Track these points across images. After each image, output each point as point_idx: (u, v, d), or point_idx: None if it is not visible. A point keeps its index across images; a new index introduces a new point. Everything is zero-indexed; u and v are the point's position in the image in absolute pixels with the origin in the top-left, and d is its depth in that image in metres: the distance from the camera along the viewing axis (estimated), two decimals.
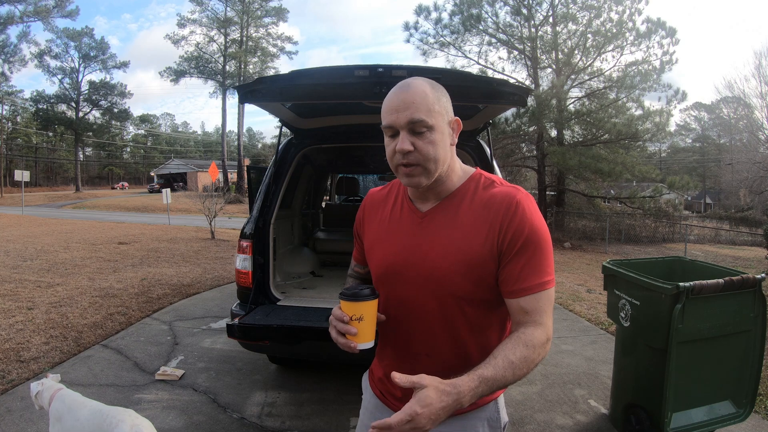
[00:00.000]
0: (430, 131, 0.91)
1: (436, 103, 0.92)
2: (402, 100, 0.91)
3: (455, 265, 0.94)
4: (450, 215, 0.97)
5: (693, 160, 47.07)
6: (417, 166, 0.92)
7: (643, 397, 2.40)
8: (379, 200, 1.12)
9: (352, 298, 0.93)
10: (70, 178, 48.83)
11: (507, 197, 0.94)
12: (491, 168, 2.94)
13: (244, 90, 2.34)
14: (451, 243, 0.95)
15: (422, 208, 1.02)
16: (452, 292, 0.95)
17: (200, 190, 30.79)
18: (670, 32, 14.62)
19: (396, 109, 0.91)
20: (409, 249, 1.00)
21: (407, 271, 0.99)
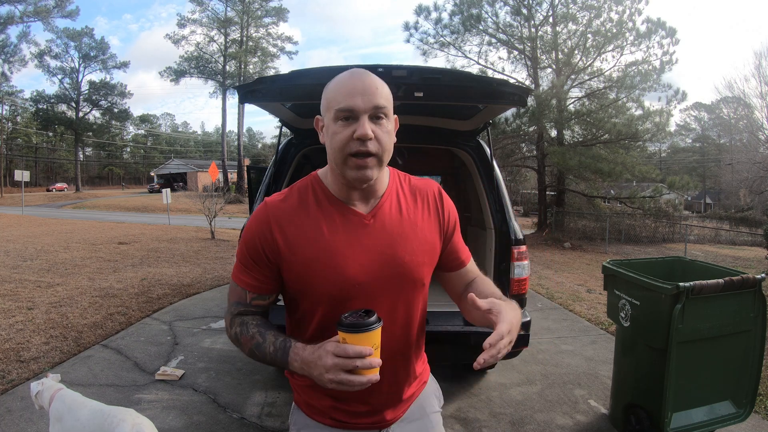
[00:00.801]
0: (387, 121, 0.90)
1: (389, 95, 0.91)
2: (368, 85, 0.86)
3: (421, 257, 0.98)
4: (395, 211, 0.97)
5: (693, 160, 47.08)
6: (373, 156, 0.86)
7: (643, 397, 2.40)
8: (290, 210, 0.92)
9: (373, 325, 0.79)
10: (70, 178, 48.84)
11: (429, 185, 1.05)
12: (491, 168, 2.94)
13: (244, 90, 2.34)
14: (414, 238, 0.97)
15: (362, 209, 0.94)
16: (417, 284, 0.99)
17: (200, 190, 30.79)
18: (670, 32, 14.63)
19: (361, 92, 0.84)
20: (373, 255, 0.92)
21: (377, 279, 0.92)
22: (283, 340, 0.89)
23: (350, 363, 0.77)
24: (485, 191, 2.89)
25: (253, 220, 0.94)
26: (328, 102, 0.89)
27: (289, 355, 0.86)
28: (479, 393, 3.07)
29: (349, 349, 0.77)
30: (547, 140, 16.24)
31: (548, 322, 4.80)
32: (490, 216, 2.86)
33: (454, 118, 3.14)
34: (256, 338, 0.91)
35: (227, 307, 1.00)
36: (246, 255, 0.94)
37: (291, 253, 0.90)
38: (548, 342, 4.14)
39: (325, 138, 0.91)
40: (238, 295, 0.96)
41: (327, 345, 0.80)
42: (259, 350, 0.91)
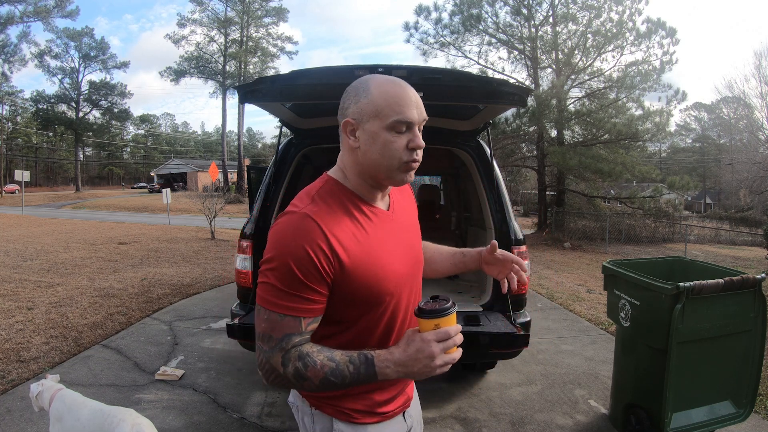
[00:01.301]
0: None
1: None
2: (417, 97, 0.91)
3: (420, 242, 1.11)
4: (398, 205, 1.05)
5: (693, 160, 47.08)
6: (419, 163, 0.93)
7: (643, 397, 2.40)
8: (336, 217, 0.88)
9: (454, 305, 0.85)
10: (70, 178, 48.87)
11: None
12: (491, 168, 2.94)
13: (244, 90, 2.34)
14: (415, 227, 1.09)
15: (382, 206, 0.98)
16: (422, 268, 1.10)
17: (200, 190, 30.80)
18: (670, 32, 14.63)
19: (415, 104, 0.89)
20: (404, 248, 0.99)
21: (410, 270, 0.99)
22: (357, 355, 0.84)
23: (452, 343, 0.84)
24: (485, 191, 2.90)
25: (298, 235, 0.82)
26: (377, 109, 0.87)
27: (376, 366, 0.83)
28: (479, 393, 3.07)
29: (451, 331, 0.84)
30: (547, 140, 16.24)
31: (548, 322, 4.80)
32: (490, 216, 2.86)
33: (454, 118, 3.14)
34: (328, 364, 0.83)
35: (267, 347, 0.84)
36: (296, 277, 0.82)
37: (351, 262, 0.86)
38: (548, 342, 4.14)
39: (364, 143, 0.89)
40: (288, 327, 0.83)
41: (419, 337, 0.83)
42: (335, 376, 0.82)
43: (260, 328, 0.86)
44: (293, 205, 0.89)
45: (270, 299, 0.84)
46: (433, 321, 0.83)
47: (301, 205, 0.88)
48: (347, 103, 0.90)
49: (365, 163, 0.90)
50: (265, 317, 0.84)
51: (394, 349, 0.85)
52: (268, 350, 0.84)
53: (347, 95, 0.91)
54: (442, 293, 0.90)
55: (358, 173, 0.92)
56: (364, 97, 0.88)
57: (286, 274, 0.82)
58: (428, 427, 2.64)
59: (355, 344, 0.90)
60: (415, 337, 0.84)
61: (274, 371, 0.84)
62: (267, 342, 0.84)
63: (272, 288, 0.83)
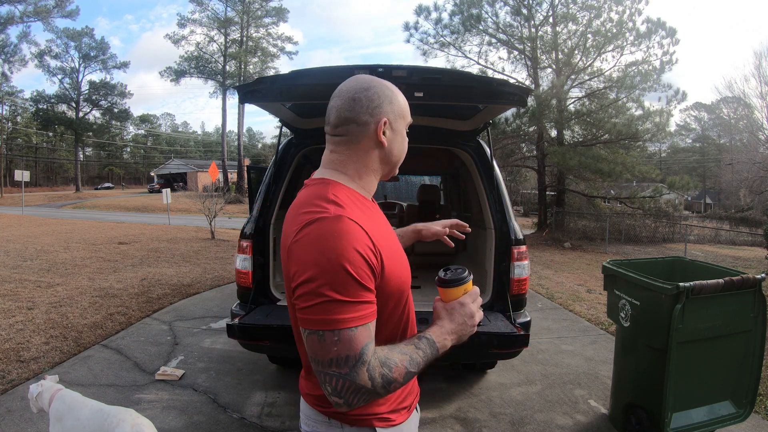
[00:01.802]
0: None
1: None
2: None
3: None
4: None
5: (693, 160, 47.08)
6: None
7: (643, 397, 2.40)
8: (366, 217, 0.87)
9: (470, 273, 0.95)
10: (70, 178, 48.88)
11: None
12: (491, 168, 2.94)
13: (244, 90, 2.34)
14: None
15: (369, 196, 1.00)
16: None
17: (200, 190, 30.79)
18: (670, 32, 14.63)
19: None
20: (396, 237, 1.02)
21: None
22: (418, 340, 0.87)
23: (479, 300, 0.94)
24: (485, 191, 2.90)
25: (344, 238, 0.78)
26: (402, 111, 0.95)
27: (437, 342, 0.88)
28: (479, 393, 3.07)
29: (477, 290, 0.95)
30: (547, 140, 16.24)
31: (548, 322, 4.80)
32: (490, 216, 2.86)
33: (454, 118, 3.14)
34: (404, 358, 0.83)
35: (347, 369, 0.77)
36: (356, 282, 0.78)
37: (386, 256, 0.85)
38: (548, 342, 4.14)
39: (392, 140, 0.94)
40: (363, 338, 0.78)
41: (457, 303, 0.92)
42: (412, 366, 0.83)
43: (331, 353, 0.76)
44: (315, 212, 0.82)
45: (335, 318, 0.76)
46: (462, 287, 0.92)
47: (328, 209, 0.82)
48: (377, 102, 0.91)
49: (390, 159, 0.96)
50: (335, 339, 0.76)
51: (441, 322, 0.91)
52: (350, 371, 0.77)
53: (371, 96, 0.90)
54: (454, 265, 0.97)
55: (374, 170, 0.96)
56: (391, 98, 0.93)
57: (345, 282, 0.77)
58: (428, 427, 2.64)
59: (391, 340, 0.91)
60: (453, 305, 0.92)
61: (361, 389, 0.77)
62: (345, 364, 0.77)
63: (333, 304, 0.76)
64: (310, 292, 0.77)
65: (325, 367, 0.78)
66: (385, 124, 0.91)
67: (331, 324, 0.76)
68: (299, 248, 0.80)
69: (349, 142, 0.92)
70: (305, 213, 0.83)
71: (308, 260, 0.78)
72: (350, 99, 0.90)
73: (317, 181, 0.92)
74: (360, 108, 0.90)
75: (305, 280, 0.77)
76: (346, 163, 0.93)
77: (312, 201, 0.85)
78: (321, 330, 0.77)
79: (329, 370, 0.77)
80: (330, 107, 0.94)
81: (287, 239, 0.85)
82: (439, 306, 0.93)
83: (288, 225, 0.88)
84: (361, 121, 0.90)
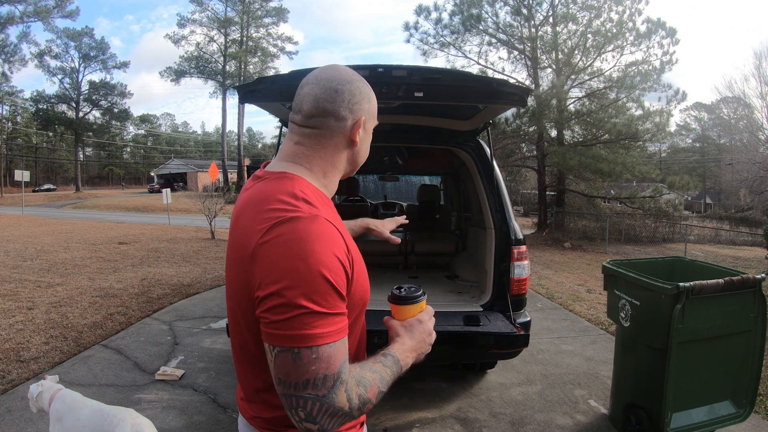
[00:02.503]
0: None
1: None
2: None
3: None
4: None
5: (693, 160, 47.07)
6: None
7: (643, 397, 2.40)
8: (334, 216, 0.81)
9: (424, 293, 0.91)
10: (70, 178, 48.85)
11: None
12: (491, 168, 2.94)
13: (244, 90, 2.34)
14: None
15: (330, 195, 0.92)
16: None
17: (200, 190, 30.80)
18: (670, 32, 14.63)
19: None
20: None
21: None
22: (383, 357, 0.81)
23: (434, 319, 0.92)
24: (485, 191, 2.90)
25: (323, 242, 0.70)
26: (374, 112, 0.90)
27: (401, 360, 0.82)
28: (479, 393, 3.07)
29: (432, 309, 0.92)
30: (547, 140, 16.24)
31: (548, 322, 4.80)
32: (490, 216, 2.86)
33: (454, 118, 3.14)
34: (375, 378, 0.76)
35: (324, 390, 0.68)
36: (335, 291, 0.70)
37: (356, 260, 0.78)
38: (548, 342, 4.14)
39: (363, 140, 0.89)
40: (340, 354, 0.70)
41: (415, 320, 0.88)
42: (383, 385, 0.77)
43: (308, 373, 0.67)
44: (286, 210, 0.72)
45: (312, 332, 0.67)
46: (419, 304, 0.90)
47: (299, 208, 0.73)
48: (356, 99, 0.83)
49: (356, 160, 0.90)
50: (313, 357, 0.67)
51: (401, 339, 0.86)
52: (327, 393, 0.67)
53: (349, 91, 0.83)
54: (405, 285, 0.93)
55: (339, 170, 0.89)
56: (368, 97, 0.87)
57: (324, 291, 0.68)
58: (428, 427, 2.64)
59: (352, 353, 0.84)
60: (411, 322, 0.88)
61: (338, 413, 0.69)
62: (323, 385, 0.67)
63: (311, 316, 0.67)
64: (284, 304, 0.67)
65: (299, 389, 0.67)
66: (361, 123, 0.85)
67: (308, 340, 0.67)
68: (269, 251, 0.69)
69: (321, 136, 0.83)
70: (271, 210, 0.73)
71: (281, 266, 0.67)
72: (332, 90, 0.81)
73: (277, 174, 0.81)
74: (342, 102, 0.81)
75: (278, 291, 0.67)
76: (312, 158, 0.84)
77: (276, 197, 0.75)
78: (297, 347, 0.67)
79: (304, 393, 0.67)
80: (305, 94, 0.83)
81: (249, 238, 0.73)
82: (396, 323, 0.87)
83: (247, 221, 0.76)
84: (340, 115, 0.82)
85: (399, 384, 0.86)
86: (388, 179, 7.11)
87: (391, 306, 0.89)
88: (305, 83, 0.84)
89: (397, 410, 2.80)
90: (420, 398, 2.97)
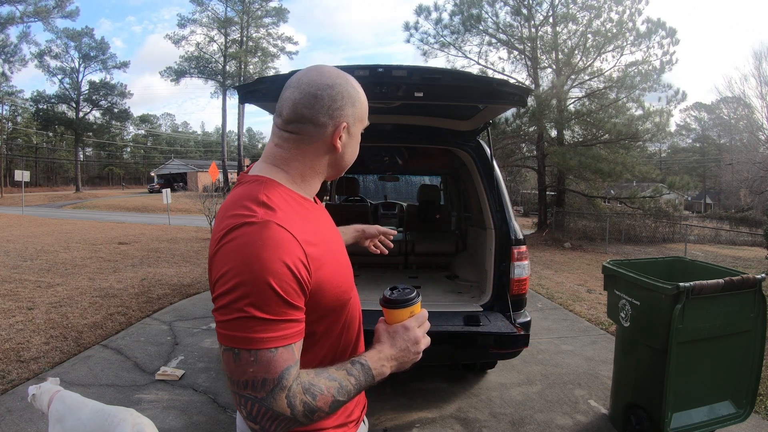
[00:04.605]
0: None
1: None
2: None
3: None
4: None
5: (693, 160, 47.07)
6: None
7: (643, 397, 2.40)
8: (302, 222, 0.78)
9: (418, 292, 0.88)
10: (70, 178, 48.86)
11: None
12: (491, 168, 2.94)
13: (244, 90, 2.34)
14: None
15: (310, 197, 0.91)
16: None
17: (200, 190, 30.81)
18: (670, 32, 14.63)
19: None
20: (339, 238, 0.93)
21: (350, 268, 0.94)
22: (351, 365, 0.79)
23: (427, 325, 0.87)
24: (485, 191, 2.90)
25: (271, 249, 0.70)
26: (362, 114, 0.87)
27: (373, 369, 0.80)
28: (479, 393, 3.07)
29: (425, 314, 0.87)
30: (547, 140, 16.23)
31: (548, 322, 4.80)
32: (490, 216, 2.86)
33: (454, 118, 3.14)
34: (332, 385, 0.75)
35: (264, 393, 0.69)
36: (280, 299, 0.70)
37: (322, 265, 0.77)
38: (548, 342, 4.14)
39: (347, 144, 0.86)
40: (283, 361, 0.70)
41: (401, 327, 0.84)
42: (341, 395, 0.76)
43: (246, 374, 0.69)
44: (243, 215, 0.72)
45: (252, 336, 0.68)
46: (409, 309, 0.85)
47: (255, 212, 0.73)
48: (340, 103, 0.82)
49: (340, 164, 0.87)
50: (250, 360, 0.68)
51: (381, 346, 0.83)
52: (266, 396, 0.69)
53: (337, 95, 0.82)
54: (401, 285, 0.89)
55: (320, 173, 0.87)
56: (358, 99, 0.85)
57: (267, 298, 0.68)
58: (428, 427, 2.64)
59: (329, 358, 0.84)
60: (396, 328, 0.84)
61: (278, 417, 0.70)
62: (261, 388, 0.69)
63: (251, 321, 0.68)
64: (228, 306, 0.69)
65: (239, 388, 0.70)
66: (344, 129, 0.83)
67: (248, 342, 0.68)
68: (221, 255, 0.72)
69: (300, 141, 0.82)
70: (231, 216, 0.74)
71: (229, 270, 0.69)
72: (311, 95, 0.80)
73: (252, 178, 0.82)
74: (320, 107, 0.80)
75: (224, 292, 0.70)
76: (290, 162, 0.83)
77: (241, 202, 0.75)
78: (237, 348, 0.69)
79: (244, 393, 0.69)
80: (285, 97, 0.82)
81: (212, 242, 0.77)
82: (381, 328, 0.85)
83: (215, 226, 0.79)
84: (318, 122, 0.80)
85: (399, 384, 0.85)
86: (388, 179, 7.11)
87: (383, 309, 0.87)
88: (288, 86, 0.83)
89: (397, 410, 2.80)
90: (420, 398, 2.97)
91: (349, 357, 0.86)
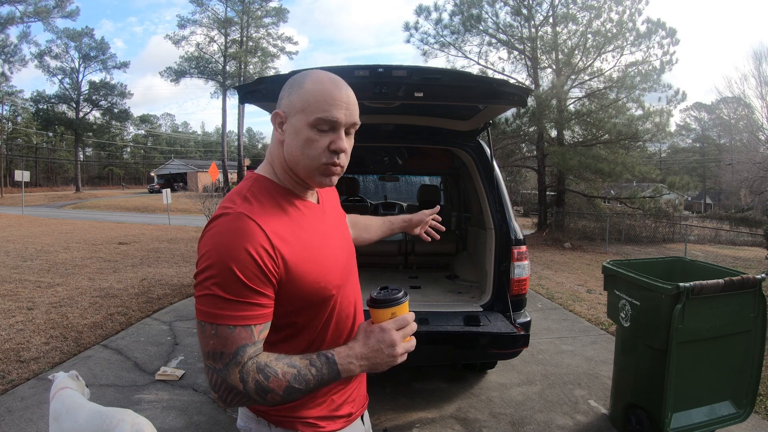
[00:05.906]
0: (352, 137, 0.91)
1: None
2: (351, 100, 0.87)
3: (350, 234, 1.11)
4: (325, 197, 1.03)
5: (693, 161, 47.07)
6: (341, 167, 0.89)
7: (643, 397, 2.40)
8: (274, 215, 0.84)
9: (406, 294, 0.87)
10: (70, 178, 48.86)
11: None
12: (491, 168, 2.94)
13: (244, 90, 2.34)
14: (343, 217, 1.09)
15: (313, 200, 0.96)
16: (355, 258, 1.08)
17: (200, 190, 30.82)
18: (670, 32, 14.62)
19: (345, 105, 0.85)
20: (339, 240, 0.98)
21: (347, 260, 0.98)
22: (316, 356, 0.82)
23: (410, 330, 0.86)
24: (485, 191, 2.89)
25: (237, 237, 0.77)
26: (305, 104, 0.84)
27: (339, 364, 0.82)
28: (479, 393, 3.07)
29: (408, 317, 0.86)
30: (547, 140, 16.23)
31: (548, 322, 4.80)
32: (490, 216, 2.86)
33: (454, 118, 3.14)
34: (290, 371, 0.79)
35: (221, 365, 0.77)
36: (241, 283, 0.76)
37: (295, 259, 0.82)
38: (548, 342, 4.14)
39: (288, 137, 0.86)
40: (240, 339, 0.77)
41: (378, 328, 0.84)
42: (298, 382, 0.79)
43: (208, 346, 0.77)
44: (224, 207, 0.82)
45: (215, 312, 0.76)
46: (390, 310, 0.84)
47: (234, 205, 0.82)
48: (282, 94, 0.87)
49: (288, 158, 0.88)
50: (212, 333, 0.77)
51: (353, 343, 0.85)
52: (222, 368, 0.77)
53: (284, 87, 0.88)
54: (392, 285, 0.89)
55: (285, 168, 0.90)
56: (297, 90, 0.85)
57: (229, 280, 0.76)
58: (428, 427, 2.64)
59: (310, 350, 0.87)
60: (373, 328, 0.84)
61: (233, 390, 0.77)
62: (219, 359, 0.77)
63: (215, 299, 0.76)
64: (200, 283, 0.78)
65: (204, 358, 0.79)
66: (276, 117, 0.87)
67: (209, 317, 0.77)
68: (202, 241, 0.81)
69: (272, 134, 0.91)
70: (219, 208, 0.85)
71: (204, 253, 0.79)
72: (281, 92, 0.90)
73: (249, 175, 0.93)
74: (279, 100, 0.89)
75: (199, 271, 0.79)
76: (273, 156, 0.91)
77: (231, 195, 0.87)
78: (203, 321, 0.78)
79: (207, 362, 0.79)
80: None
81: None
82: (361, 326, 0.88)
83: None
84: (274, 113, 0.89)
85: (399, 384, 0.85)
86: (388, 179, 7.11)
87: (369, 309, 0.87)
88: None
89: (397, 410, 2.80)
90: (420, 398, 2.97)
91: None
